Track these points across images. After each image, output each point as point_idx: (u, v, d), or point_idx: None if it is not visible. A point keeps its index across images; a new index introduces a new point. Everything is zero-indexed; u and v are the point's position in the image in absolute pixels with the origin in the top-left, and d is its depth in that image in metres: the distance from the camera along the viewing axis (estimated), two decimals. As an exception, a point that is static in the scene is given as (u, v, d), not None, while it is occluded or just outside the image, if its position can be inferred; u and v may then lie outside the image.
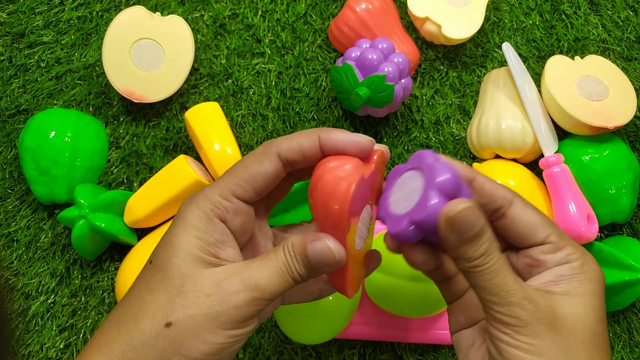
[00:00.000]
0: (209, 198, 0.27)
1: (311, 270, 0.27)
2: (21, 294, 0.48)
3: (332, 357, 0.47)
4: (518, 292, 0.25)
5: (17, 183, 0.50)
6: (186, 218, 0.27)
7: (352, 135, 0.28)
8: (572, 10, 0.53)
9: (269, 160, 0.28)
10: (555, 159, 0.45)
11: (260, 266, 0.27)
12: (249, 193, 0.28)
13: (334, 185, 0.25)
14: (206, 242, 0.27)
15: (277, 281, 0.26)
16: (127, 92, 0.48)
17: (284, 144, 0.28)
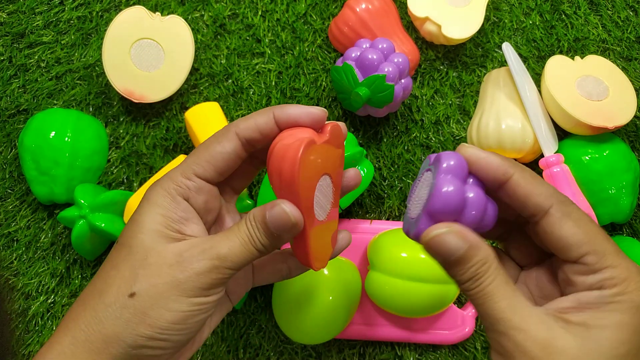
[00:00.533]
0: (172, 178, 0.28)
1: (272, 238, 0.27)
2: (21, 294, 0.48)
3: (332, 357, 0.47)
4: (507, 320, 0.24)
5: (17, 183, 0.50)
6: (150, 198, 0.28)
7: (304, 107, 0.28)
8: (572, 10, 0.53)
9: (227, 139, 0.29)
10: (555, 159, 0.45)
11: (223, 237, 0.27)
12: (209, 172, 0.29)
13: (284, 150, 0.26)
14: (170, 219, 0.28)
15: (239, 249, 0.27)
16: (127, 92, 0.48)
17: (241, 124, 0.29)
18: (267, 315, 0.48)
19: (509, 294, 0.25)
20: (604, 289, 0.24)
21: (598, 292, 0.24)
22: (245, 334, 0.47)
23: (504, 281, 0.25)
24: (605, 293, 0.24)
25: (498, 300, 0.24)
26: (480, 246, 0.25)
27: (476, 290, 0.25)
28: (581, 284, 0.25)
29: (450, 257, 0.25)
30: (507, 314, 0.24)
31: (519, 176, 0.26)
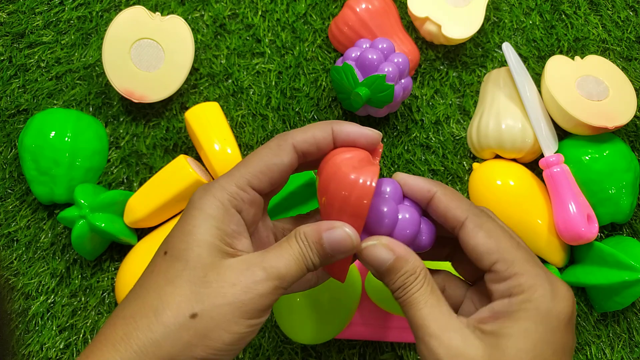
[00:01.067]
0: (226, 188, 0.27)
1: (325, 258, 0.27)
2: (21, 294, 0.48)
3: (332, 357, 0.47)
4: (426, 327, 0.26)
5: (17, 183, 0.50)
6: (203, 208, 0.27)
7: (363, 129, 0.29)
8: (572, 10, 0.53)
9: (285, 152, 0.28)
10: (555, 159, 0.45)
11: (278, 256, 0.27)
12: (264, 184, 0.28)
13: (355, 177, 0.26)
14: (224, 233, 0.26)
15: (294, 269, 0.27)
16: (127, 92, 0.48)
17: (298, 136, 0.28)
18: (267, 315, 0.48)
19: (433, 303, 0.26)
20: (512, 296, 0.26)
21: (507, 300, 0.26)
22: (245, 334, 0.47)
23: (429, 291, 0.27)
24: (513, 300, 0.25)
25: (420, 308, 0.26)
26: (407, 258, 0.27)
27: (404, 298, 0.27)
28: (495, 291, 0.26)
29: (381, 268, 0.27)
30: (426, 322, 0.26)
31: (441, 193, 0.28)
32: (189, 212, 0.27)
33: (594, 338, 0.47)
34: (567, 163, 0.46)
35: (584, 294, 0.48)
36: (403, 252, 0.27)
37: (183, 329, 0.24)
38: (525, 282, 0.25)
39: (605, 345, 0.47)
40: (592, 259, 0.45)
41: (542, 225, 0.45)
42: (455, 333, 0.25)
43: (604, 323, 0.48)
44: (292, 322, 0.43)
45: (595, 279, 0.44)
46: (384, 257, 0.27)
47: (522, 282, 0.25)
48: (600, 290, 0.45)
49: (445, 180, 0.50)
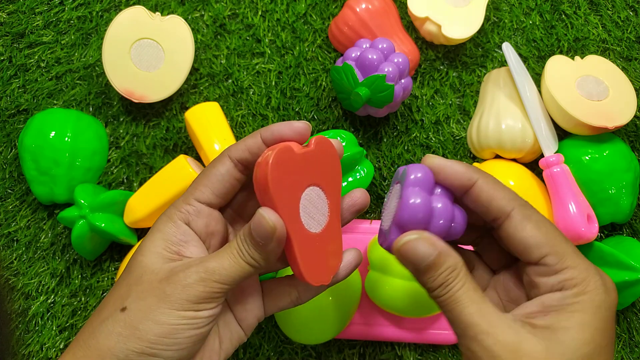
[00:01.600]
0: (174, 205, 0.30)
1: (259, 248, 0.28)
2: (21, 294, 0.48)
3: (332, 357, 0.47)
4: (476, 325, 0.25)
5: (17, 183, 0.50)
6: (154, 226, 0.30)
7: (287, 122, 0.30)
8: (572, 10, 0.53)
9: (221, 162, 0.30)
10: (555, 159, 0.45)
11: (214, 254, 0.28)
12: (207, 195, 0.30)
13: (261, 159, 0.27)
14: (169, 242, 0.29)
15: (227, 263, 0.28)
16: (127, 92, 0.48)
17: (232, 147, 0.30)
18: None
19: (478, 300, 0.26)
20: (565, 289, 0.25)
21: (560, 293, 0.25)
22: (245, 334, 0.47)
23: (473, 287, 0.26)
24: (567, 294, 0.25)
25: (467, 306, 0.25)
26: (449, 253, 0.26)
27: (446, 297, 0.26)
28: (544, 285, 0.26)
29: (421, 264, 0.26)
30: (476, 319, 0.25)
31: (483, 181, 0.27)
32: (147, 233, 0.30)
33: (594, 338, 0.47)
34: (567, 163, 0.46)
35: (584, 294, 0.48)
36: (445, 247, 0.26)
37: (115, 321, 0.27)
38: (578, 275, 0.25)
39: (605, 345, 0.47)
40: (592, 259, 0.45)
41: None
42: (508, 329, 0.25)
43: (604, 323, 0.48)
44: (292, 322, 0.43)
45: (595, 279, 0.44)
46: (426, 252, 0.26)
47: (575, 275, 0.25)
48: (600, 290, 0.45)
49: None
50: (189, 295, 0.27)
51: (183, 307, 0.27)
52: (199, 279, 0.27)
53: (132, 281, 0.28)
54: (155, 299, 0.27)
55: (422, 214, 0.26)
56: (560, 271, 0.26)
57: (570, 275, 0.25)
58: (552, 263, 0.26)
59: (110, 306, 0.28)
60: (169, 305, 0.27)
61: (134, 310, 0.27)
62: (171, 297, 0.27)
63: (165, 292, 0.27)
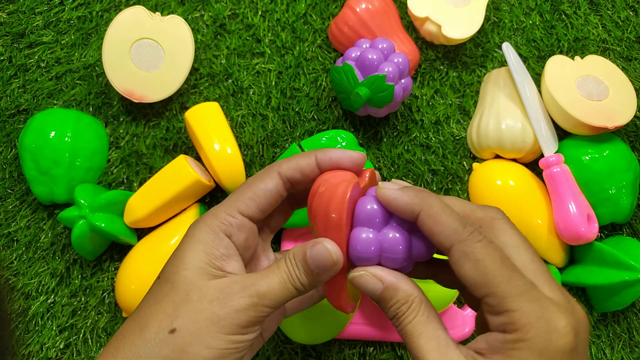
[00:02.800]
0: (216, 215, 0.29)
1: (311, 276, 0.27)
2: (21, 294, 0.48)
3: (332, 357, 0.47)
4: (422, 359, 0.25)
5: (17, 183, 0.50)
6: (194, 235, 0.28)
7: (345, 151, 0.29)
8: (572, 10, 0.53)
9: (270, 177, 0.29)
10: (555, 159, 0.45)
11: (263, 275, 0.27)
12: (252, 209, 0.29)
13: (331, 191, 0.27)
14: (212, 256, 0.28)
15: (278, 287, 0.27)
16: (127, 92, 0.48)
17: (283, 164, 0.30)
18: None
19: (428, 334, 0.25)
20: (506, 332, 0.24)
21: (502, 335, 0.24)
22: (245, 334, 0.47)
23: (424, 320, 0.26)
24: (507, 338, 0.24)
25: (415, 340, 0.25)
26: (398, 287, 0.26)
27: (399, 328, 0.26)
28: (490, 323, 0.25)
29: (372, 297, 0.27)
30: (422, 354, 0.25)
31: (424, 214, 0.26)
32: (183, 239, 0.29)
33: (594, 338, 0.47)
34: (567, 163, 0.46)
35: (584, 294, 0.48)
36: (392, 280, 0.26)
37: (163, 343, 0.26)
38: (518, 320, 0.24)
39: (605, 345, 0.47)
40: (592, 259, 0.45)
41: (542, 226, 0.45)
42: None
43: (604, 323, 0.48)
44: (292, 322, 0.43)
45: (595, 279, 0.44)
46: (372, 286, 0.27)
47: (514, 319, 0.24)
48: (600, 291, 0.45)
49: (445, 180, 0.50)
50: (240, 320, 0.26)
51: (233, 331, 0.26)
52: (251, 303, 0.26)
53: (178, 299, 0.27)
54: (207, 322, 0.26)
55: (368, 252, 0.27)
56: (501, 313, 0.24)
57: (509, 319, 0.24)
58: (492, 304, 0.24)
59: (155, 326, 0.26)
60: (220, 329, 0.26)
61: (184, 332, 0.26)
62: (224, 321, 0.26)
63: (217, 315, 0.26)
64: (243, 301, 0.26)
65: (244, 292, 0.27)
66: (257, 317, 0.27)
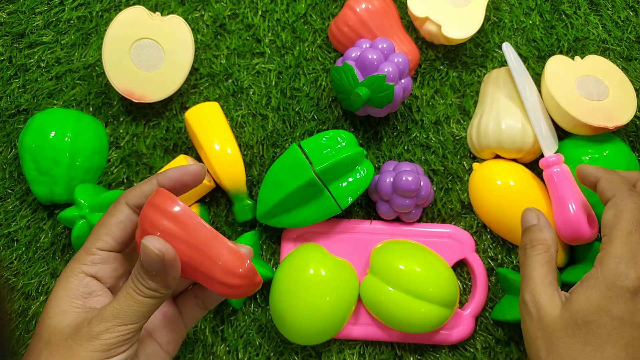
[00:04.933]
0: (77, 259, 0.30)
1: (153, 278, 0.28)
2: (21, 294, 0.48)
3: (332, 357, 0.47)
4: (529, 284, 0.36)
5: (17, 183, 0.50)
6: (57, 283, 0.30)
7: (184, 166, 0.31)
8: (572, 10, 0.53)
9: (119, 210, 0.31)
10: (555, 159, 0.45)
11: (114, 299, 0.28)
12: (110, 243, 0.31)
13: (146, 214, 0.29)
14: (72, 297, 0.29)
15: (127, 303, 0.28)
16: (127, 92, 0.48)
17: (129, 193, 0.31)
18: (267, 315, 0.48)
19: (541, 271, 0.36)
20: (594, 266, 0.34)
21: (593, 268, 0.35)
22: (245, 334, 0.47)
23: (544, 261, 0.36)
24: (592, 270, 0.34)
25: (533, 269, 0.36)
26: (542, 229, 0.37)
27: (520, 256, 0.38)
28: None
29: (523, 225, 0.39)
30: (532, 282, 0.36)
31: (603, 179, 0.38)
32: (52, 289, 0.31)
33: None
34: (567, 163, 0.46)
35: (584, 294, 0.48)
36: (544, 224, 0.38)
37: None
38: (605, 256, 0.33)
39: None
40: (592, 259, 0.45)
41: None
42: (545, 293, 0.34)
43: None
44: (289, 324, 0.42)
45: (595, 279, 0.44)
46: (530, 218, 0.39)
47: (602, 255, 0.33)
48: (600, 291, 0.45)
49: (445, 180, 0.50)
50: (96, 346, 0.27)
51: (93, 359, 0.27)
52: (104, 328, 0.27)
53: (41, 345, 0.28)
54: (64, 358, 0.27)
55: None
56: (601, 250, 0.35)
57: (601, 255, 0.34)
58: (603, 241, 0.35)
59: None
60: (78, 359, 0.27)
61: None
62: (79, 352, 0.27)
63: (72, 349, 0.27)
64: (94, 328, 0.27)
65: (97, 319, 0.27)
66: (117, 338, 0.27)
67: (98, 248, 0.30)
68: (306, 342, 0.44)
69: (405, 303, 0.42)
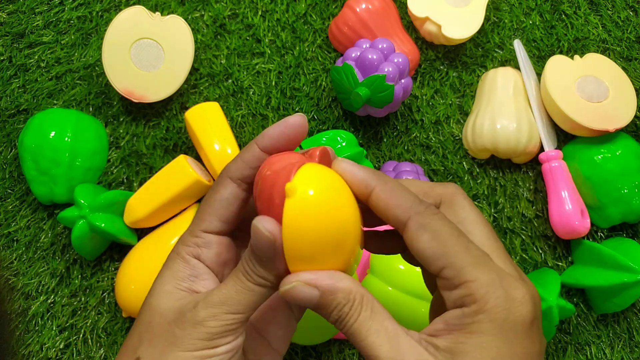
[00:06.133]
0: (182, 241, 0.28)
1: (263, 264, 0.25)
2: (21, 294, 0.48)
3: (332, 357, 0.47)
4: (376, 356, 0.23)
5: (17, 183, 0.50)
6: (164, 264, 0.28)
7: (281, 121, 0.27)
8: (572, 10, 0.52)
9: (223, 186, 0.28)
10: (554, 154, 0.46)
11: (222, 284, 0.26)
12: (214, 224, 0.28)
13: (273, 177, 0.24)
14: (178, 279, 0.27)
15: (235, 290, 0.25)
16: (127, 92, 0.48)
17: (230, 166, 0.28)
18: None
19: (376, 328, 0.24)
20: (464, 306, 0.23)
21: (460, 310, 0.23)
22: (245, 334, 0.47)
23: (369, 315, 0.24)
24: (466, 311, 0.23)
25: (364, 338, 0.24)
26: (336, 289, 0.24)
27: (344, 331, 0.25)
28: (447, 299, 0.24)
29: (309, 306, 0.25)
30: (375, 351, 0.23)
31: (380, 189, 0.25)
32: None
33: (594, 338, 0.47)
34: (579, 163, 0.46)
35: (583, 295, 0.48)
36: (329, 283, 0.24)
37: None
38: (477, 290, 0.23)
39: (605, 346, 0.47)
40: (591, 261, 0.45)
41: None
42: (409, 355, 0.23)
43: (604, 323, 0.48)
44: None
45: (595, 280, 0.44)
46: (309, 296, 0.24)
47: (473, 290, 0.23)
48: (600, 292, 0.45)
49: (445, 180, 0.50)
50: (201, 334, 0.25)
51: (196, 347, 0.25)
52: (209, 314, 0.25)
53: (142, 328, 0.26)
54: (166, 344, 0.25)
55: None
56: (459, 286, 0.23)
57: (468, 291, 0.23)
58: (450, 277, 0.23)
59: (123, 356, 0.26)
60: (181, 347, 0.25)
61: (147, 358, 0.25)
62: (182, 339, 0.25)
63: (175, 335, 0.25)
64: (199, 314, 0.25)
65: (203, 304, 0.25)
66: (222, 327, 0.25)
67: (202, 230, 0.28)
68: (306, 342, 0.44)
69: (405, 303, 0.42)
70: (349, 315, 0.24)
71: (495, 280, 0.23)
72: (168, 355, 0.25)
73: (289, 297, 0.25)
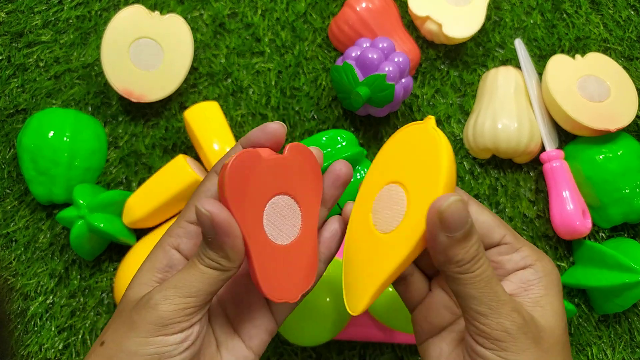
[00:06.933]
0: (168, 231, 0.29)
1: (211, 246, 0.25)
2: (20, 294, 0.48)
3: (332, 357, 0.47)
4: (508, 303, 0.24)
5: (16, 183, 0.50)
6: (147, 256, 0.29)
7: (261, 125, 0.29)
8: (574, 9, 0.52)
9: (208, 179, 0.29)
10: (556, 153, 0.46)
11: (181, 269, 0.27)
12: None
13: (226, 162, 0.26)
14: (155, 269, 0.28)
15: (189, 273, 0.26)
16: (126, 92, 0.47)
17: (218, 162, 0.30)
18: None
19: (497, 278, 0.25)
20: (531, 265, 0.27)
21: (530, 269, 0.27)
22: (245, 334, 0.47)
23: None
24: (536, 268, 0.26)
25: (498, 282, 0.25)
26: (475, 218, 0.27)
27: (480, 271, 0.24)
28: (508, 262, 0.27)
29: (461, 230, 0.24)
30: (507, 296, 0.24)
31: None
32: None
33: (595, 339, 0.47)
34: (581, 162, 0.46)
35: (584, 295, 0.48)
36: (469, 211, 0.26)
37: (96, 356, 0.26)
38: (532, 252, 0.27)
39: (606, 346, 0.47)
40: (592, 261, 0.45)
41: None
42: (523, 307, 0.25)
43: (605, 324, 0.47)
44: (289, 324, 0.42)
45: (596, 280, 0.44)
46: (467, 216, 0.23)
47: (530, 252, 0.27)
48: (601, 292, 0.45)
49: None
50: (154, 318, 0.25)
51: (151, 333, 0.25)
52: (162, 297, 0.25)
53: (114, 317, 0.27)
54: (126, 329, 0.25)
55: None
56: (519, 249, 0.27)
57: (528, 253, 0.27)
58: (511, 241, 0.27)
59: (94, 345, 0.27)
60: (137, 332, 0.25)
61: (109, 342, 0.26)
62: (138, 323, 0.25)
63: (133, 320, 0.25)
64: (155, 297, 0.25)
65: (156, 289, 0.26)
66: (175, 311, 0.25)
67: (186, 220, 0.28)
68: (306, 343, 0.44)
69: None
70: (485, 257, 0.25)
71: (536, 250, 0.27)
72: (127, 340, 0.25)
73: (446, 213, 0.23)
